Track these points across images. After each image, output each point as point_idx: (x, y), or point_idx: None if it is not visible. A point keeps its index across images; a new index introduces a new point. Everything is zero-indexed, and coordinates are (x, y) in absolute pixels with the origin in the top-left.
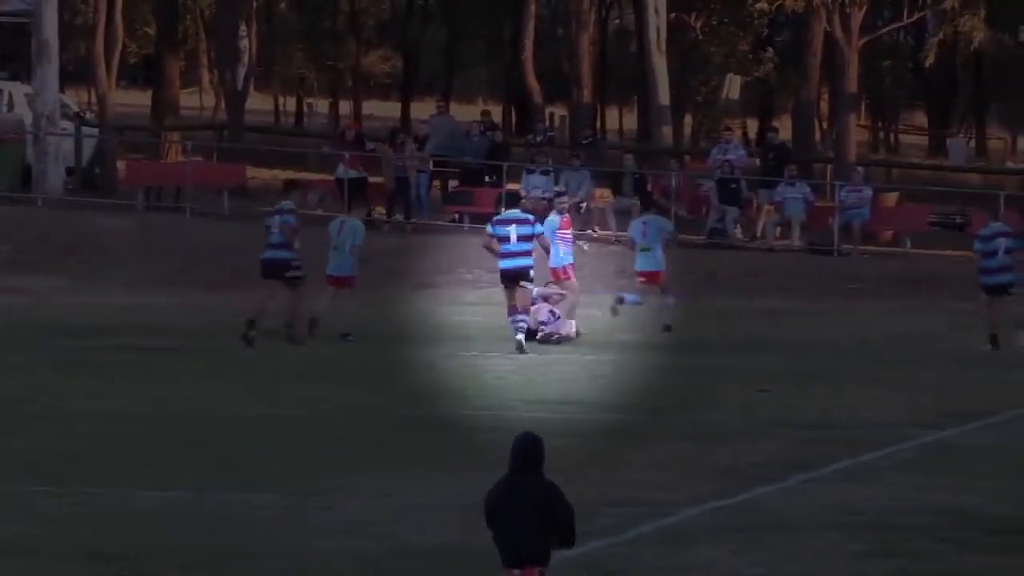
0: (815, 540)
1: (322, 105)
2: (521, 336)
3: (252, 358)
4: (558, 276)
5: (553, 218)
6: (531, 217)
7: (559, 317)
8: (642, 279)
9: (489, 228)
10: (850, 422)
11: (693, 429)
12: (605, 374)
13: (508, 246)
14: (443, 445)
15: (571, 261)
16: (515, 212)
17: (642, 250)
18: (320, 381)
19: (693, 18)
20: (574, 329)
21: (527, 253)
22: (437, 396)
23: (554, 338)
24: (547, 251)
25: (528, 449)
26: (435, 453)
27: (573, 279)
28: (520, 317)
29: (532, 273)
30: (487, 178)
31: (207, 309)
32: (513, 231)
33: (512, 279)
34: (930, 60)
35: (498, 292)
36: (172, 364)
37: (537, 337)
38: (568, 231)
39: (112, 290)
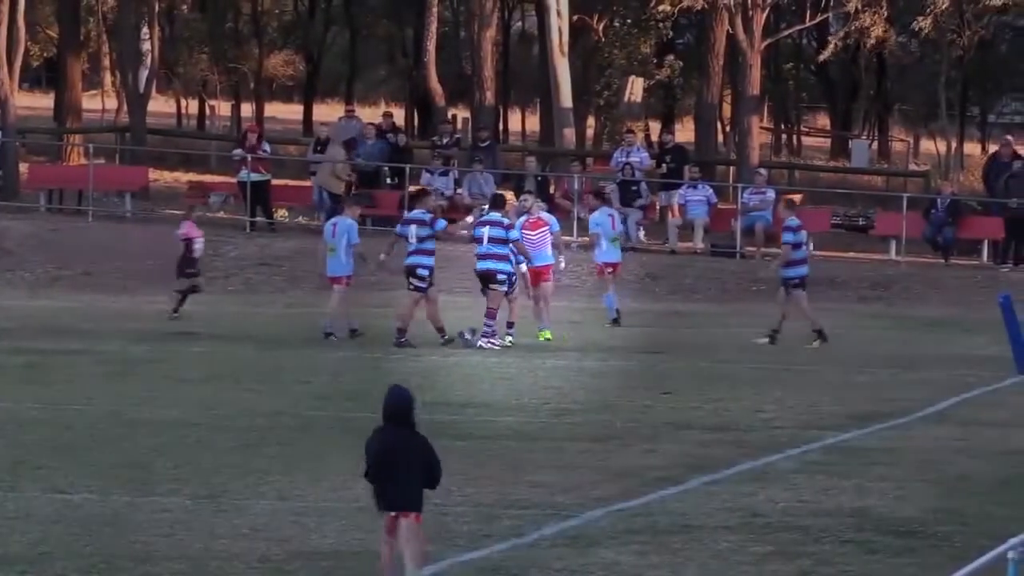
0: (718, 542)
1: (224, 108)
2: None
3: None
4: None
5: (521, 219)
6: (505, 220)
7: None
8: (611, 270)
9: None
10: (753, 424)
11: (596, 431)
12: (508, 376)
13: (479, 248)
14: (346, 447)
15: (544, 263)
16: (494, 215)
17: (613, 240)
18: (223, 383)
19: (595, 20)
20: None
21: (497, 256)
22: (341, 398)
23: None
24: (525, 255)
25: (403, 401)
26: (338, 455)
27: (547, 282)
28: (488, 322)
29: (501, 276)
30: (388, 180)
31: (109, 311)
32: (485, 233)
33: (481, 280)
34: (825, 56)
35: (403, 296)
36: (74, 367)
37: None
38: (535, 232)
39: (13, 292)
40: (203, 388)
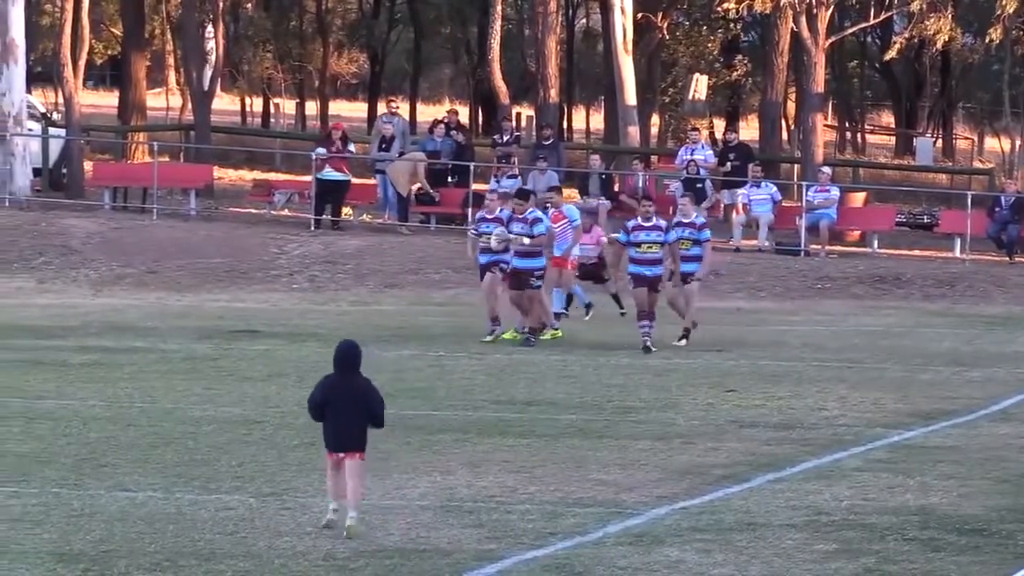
0: (783, 540)
1: (289, 106)
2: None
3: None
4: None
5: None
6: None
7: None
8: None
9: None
10: (817, 422)
11: (660, 429)
12: (573, 374)
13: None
14: (411, 445)
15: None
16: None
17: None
18: (287, 381)
19: (659, 18)
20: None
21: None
22: (404, 396)
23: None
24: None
25: (350, 354)
26: (403, 453)
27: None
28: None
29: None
30: (450, 179)
31: (173, 309)
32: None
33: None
34: (891, 55)
35: (464, 293)
36: (138, 364)
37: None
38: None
39: (78, 290)
40: (267, 386)
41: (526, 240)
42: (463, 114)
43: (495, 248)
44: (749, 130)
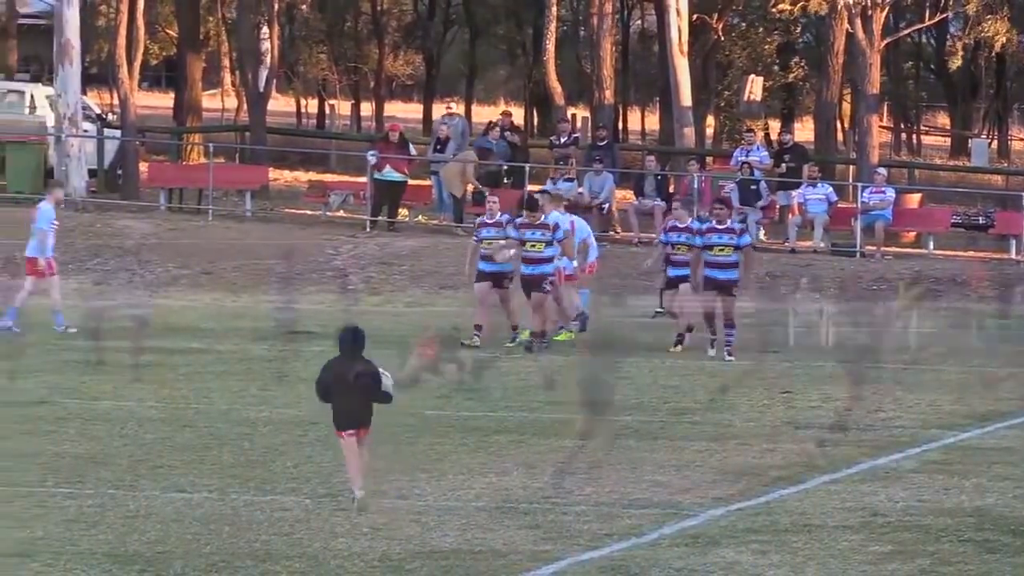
0: (838, 541)
1: (344, 107)
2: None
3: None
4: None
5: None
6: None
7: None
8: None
9: None
10: (872, 423)
11: (715, 430)
12: (628, 375)
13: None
14: (467, 446)
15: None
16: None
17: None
18: None
19: (715, 20)
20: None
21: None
22: (460, 397)
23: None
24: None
25: (354, 337)
26: (458, 454)
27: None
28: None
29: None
30: (505, 180)
31: (229, 310)
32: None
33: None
34: (956, 64)
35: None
36: (193, 366)
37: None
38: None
39: (133, 291)
40: None
41: (543, 247)
42: (518, 115)
43: (499, 260)
44: (804, 131)
